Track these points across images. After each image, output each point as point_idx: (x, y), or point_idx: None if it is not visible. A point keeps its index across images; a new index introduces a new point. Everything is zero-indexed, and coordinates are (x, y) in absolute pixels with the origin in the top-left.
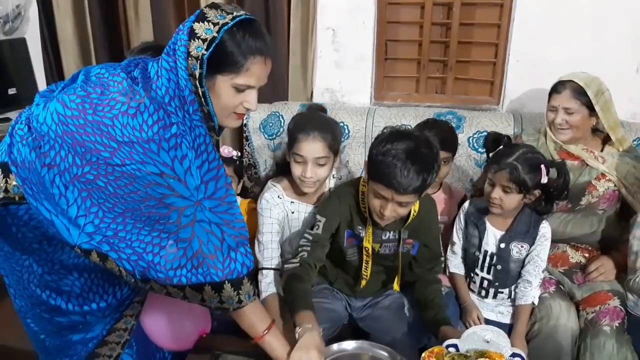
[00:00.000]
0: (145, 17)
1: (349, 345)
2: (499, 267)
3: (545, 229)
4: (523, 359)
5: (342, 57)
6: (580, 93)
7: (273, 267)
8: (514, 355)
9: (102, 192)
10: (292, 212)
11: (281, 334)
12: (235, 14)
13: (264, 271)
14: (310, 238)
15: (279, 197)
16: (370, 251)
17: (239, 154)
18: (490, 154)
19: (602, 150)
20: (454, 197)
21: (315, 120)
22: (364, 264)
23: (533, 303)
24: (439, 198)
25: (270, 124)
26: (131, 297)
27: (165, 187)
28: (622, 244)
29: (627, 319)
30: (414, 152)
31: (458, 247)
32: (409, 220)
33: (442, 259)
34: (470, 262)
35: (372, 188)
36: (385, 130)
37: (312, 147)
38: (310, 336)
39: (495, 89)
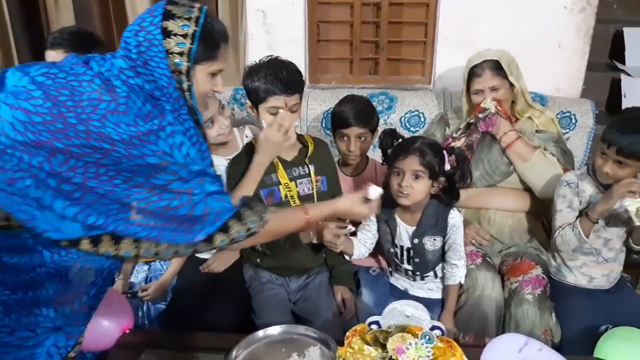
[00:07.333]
0: (64, 3)
1: (275, 330)
2: (416, 260)
3: (454, 219)
4: (442, 330)
5: (274, 39)
6: (497, 68)
7: None
8: (433, 327)
9: (94, 192)
10: None
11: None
12: (196, 5)
13: None
14: None
15: None
16: (290, 186)
17: None
18: (389, 150)
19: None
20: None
21: None
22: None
23: (460, 283)
24: (367, 177)
25: None
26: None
27: (168, 174)
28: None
29: (549, 285)
30: (277, 62)
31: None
32: (309, 152)
33: None
34: (388, 256)
35: (263, 111)
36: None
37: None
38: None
39: (426, 68)
